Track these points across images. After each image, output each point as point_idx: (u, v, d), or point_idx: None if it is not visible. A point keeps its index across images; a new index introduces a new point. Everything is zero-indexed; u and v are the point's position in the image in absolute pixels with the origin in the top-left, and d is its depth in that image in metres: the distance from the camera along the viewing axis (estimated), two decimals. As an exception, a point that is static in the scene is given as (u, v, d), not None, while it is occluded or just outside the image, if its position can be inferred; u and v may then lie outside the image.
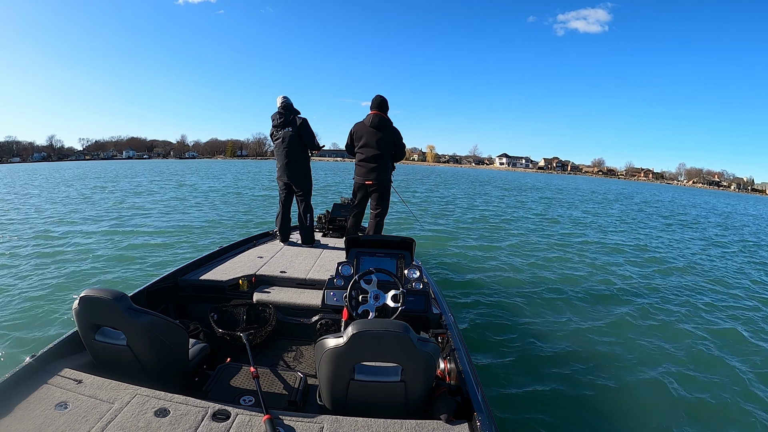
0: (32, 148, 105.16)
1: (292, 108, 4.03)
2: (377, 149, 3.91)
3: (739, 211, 23.84)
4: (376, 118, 3.90)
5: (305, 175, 4.12)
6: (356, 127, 4.02)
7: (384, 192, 4.05)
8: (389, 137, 3.93)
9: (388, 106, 4.01)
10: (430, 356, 1.38)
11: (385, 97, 3.99)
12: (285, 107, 3.99)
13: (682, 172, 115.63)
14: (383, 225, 4.12)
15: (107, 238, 7.38)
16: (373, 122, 3.90)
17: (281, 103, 4.00)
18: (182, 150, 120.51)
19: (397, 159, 4.16)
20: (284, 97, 4.01)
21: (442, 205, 15.15)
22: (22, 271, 5.28)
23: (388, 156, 4.00)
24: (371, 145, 3.92)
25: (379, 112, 3.93)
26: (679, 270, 6.95)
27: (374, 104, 3.97)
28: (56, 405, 1.39)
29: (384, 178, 3.99)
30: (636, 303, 4.94)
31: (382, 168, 3.96)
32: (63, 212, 10.43)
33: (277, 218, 4.17)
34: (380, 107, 3.96)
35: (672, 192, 48.52)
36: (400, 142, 4.01)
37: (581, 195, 26.03)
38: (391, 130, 3.95)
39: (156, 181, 22.91)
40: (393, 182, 4.13)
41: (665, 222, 14.41)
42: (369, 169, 3.97)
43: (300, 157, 4.05)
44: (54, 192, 16.06)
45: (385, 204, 4.09)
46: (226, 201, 13.86)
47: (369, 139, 3.93)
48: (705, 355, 3.69)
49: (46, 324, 3.74)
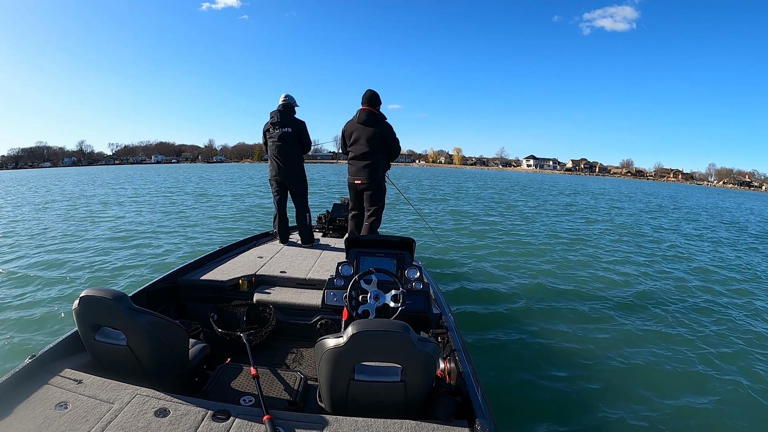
0: (63, 153, 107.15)
1: (292, 108, 3.99)
2: (366, 147, 3.74)
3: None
4: (363, 114, 3.74)
5: (300, 174, 4.07)
6: (347, 125, 3.91)
7: (375, 192, 3.87)
8: (379, 134, 3.73)
9: (379, 100, 3.84)
10: (430, 356, 1.38)
11: (375, 91, 3.82)
12: (285, 106, 3.94)
13: (712, 172, 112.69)
14: (378, 226, 3.99)
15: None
16: (360, 118, 3.75)
17: (282, 101, 3.95)
18: (210, 154, 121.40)
19: (391, 157, 3.98)
20: (286, 96, 3.98)
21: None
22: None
23: (378, 153, 3.80)
24: (360, 143, 3.77)
25: (368, 108, 3.76)
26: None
27: (364, 99, 3.81)
28: (56, 405, 1.39)
29: (374, 177, 3.81)
30: (641, 311, 4.83)
31: (372, 166, 3.78)
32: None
33: (275, 220, 4.13)
34: (370, 102, 3.78)
35: (704, 193, 46.16)
36: (391, 138, 3.80)
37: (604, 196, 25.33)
38: (381, 126, 3.75)
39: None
40: (397, 183, 4.05)
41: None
42: (358, 168, 3.82)
43: (296, 156, 4.00)
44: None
45: (377, 205, 3.91)
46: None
47: (358, 136, 3.78)
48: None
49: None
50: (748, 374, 3.41)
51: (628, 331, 4.11)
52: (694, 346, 3.86)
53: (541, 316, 4.38)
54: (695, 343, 3.95)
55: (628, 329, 4.15)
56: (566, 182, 46.86)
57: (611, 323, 4.29)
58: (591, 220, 12.93)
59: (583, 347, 3.68)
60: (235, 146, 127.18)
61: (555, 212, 14.62)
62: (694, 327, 4.32)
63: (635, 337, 3.99)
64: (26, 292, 4.53)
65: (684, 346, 3.85)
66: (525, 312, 4.45)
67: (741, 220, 16.44)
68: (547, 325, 4.12)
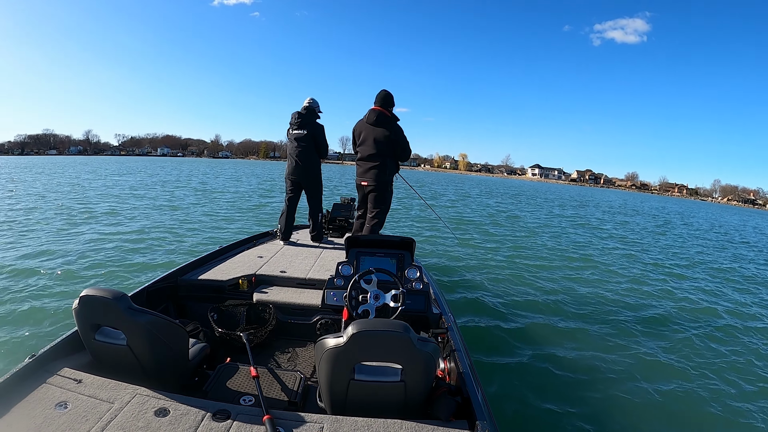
0: (69, 141, 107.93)
1: (314, 112, 4.09)
2: (374, 148, 3.68)
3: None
4: (373, 114, 3.68)
5: (316, 175, 4.20)
6: (357, 125, 3.87)
7: (381, 194, 3.79)
8: (388, 135, 3.66)
9: (393, 102, 3.75)
10: (430, 356, 1.38)
11: (389, 91, 3.75)
12: (307, 109, 4.06)
13: (716, 188, 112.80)
14: (380, 229, 3.92)
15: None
16: (370, 119, 3.70)
17: (306, 104, 4.08)
18: (216, 149, 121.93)
19: (401, 159, 3.87)
20: (311, 100, 4.10)
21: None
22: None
23: (387, 155, 3.72)
24: (368, 144, 3.71)
25: (379, 108, 3.70)
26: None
27: (377, 99, 3.74)
28: (56, 405, 1.38)
29: (381, 179, 3.73)
30: (639, 315, 4.83)
31: (380, 168, 3.71)
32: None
33: (281, 216, 4.21)
34: (383, 102, 3.71)
35: (712, 210, 45.00)
36: (400, 140, 3.72)
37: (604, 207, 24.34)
38: (390, 128, 3.68)
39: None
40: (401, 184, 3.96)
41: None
42: (365, 169, 3.77)
43: (312, 159, 4.11)
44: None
45: (382, 207, 3.83)
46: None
47: (366, 136, 3.73)
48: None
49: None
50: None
51: (626, 342, 4.05)
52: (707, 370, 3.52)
53: (543, 316, 4.39)
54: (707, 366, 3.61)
55: (632, 337, 4.14)
56: (571, 193, 46.42)
57: (617, 328, 4.29)
58: (604, 236, 11.83)
59: (585, 349, 3.68)
60: (241, 142, 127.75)
61: (561, 225, 13.83)
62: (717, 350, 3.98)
63: (640, 344, 3.98)
64: (26, 292, 4.52)
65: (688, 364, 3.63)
66: (526, 312, 4.45)
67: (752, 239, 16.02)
68: (549, 327, 4.13)
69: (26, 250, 6.32)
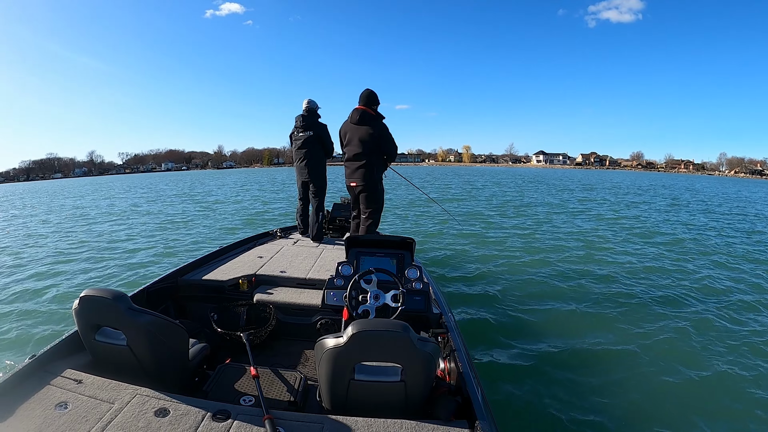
0: (73, 163, 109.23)
1: (314, 113, 4.17)
2: (359, 147, 3.65)
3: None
4: (357, 114, 3.64)
5: (321, 175, 4.30)
6: (342, 126, 3.85)
7: (372, 194, 3.76)
8: (372, 133, 3.61)
9: (377, 100, 3.72)
10: (430, 356, 1.38)
11: (373, 90, 3.72)
12: (308, 111, 4.13)
13: (723, 162, 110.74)
14: (375, 229, 3.92)
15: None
16: (354, 118, 3.67)
17: (306, 107, 4.14)
18: (220, 160, 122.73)
19: (388, 157, 3.83)
20: (309, 101, 4.16)
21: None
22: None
23: (373, 154, 3.68)
24: (353, 144, 3.68)
25: (363, 107, 3.66)
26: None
27: (361, 98, 3.71)
28: (56, 405, 1.39)
29: (370, 179, 3.70)
30: (642, 305, 4.82)
31: (367, 167, 3.68)
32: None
33: (298, 212, 4.43)
34: (366, 101, 3.68)
35: (723, 183, 44.22)
36: (384, 137, 3.66)
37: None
38: (374, 126, 3.62)
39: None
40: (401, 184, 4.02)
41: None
42: (353, 170, 3.75)
43: (317, 159, 4.22)
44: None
45: (374, 207, 3.82)
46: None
47: (351, 137, 3.70)
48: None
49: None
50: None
51: (635, 334, 4.00)
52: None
53: (544, 315, 4.37)
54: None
55: (635, 333, 4.10)
56: (579, 177, 45.80)
57: (618, 325, 4.27)
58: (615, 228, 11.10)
59: (586, 349, 3.67)
60: (244, 151, 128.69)
61: (572, 211, 13.83)
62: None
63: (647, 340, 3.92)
64: (26, 292, 4.53)
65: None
66: (527, 312, 4.44)
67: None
68: (550, 325, 4.11)
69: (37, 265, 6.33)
